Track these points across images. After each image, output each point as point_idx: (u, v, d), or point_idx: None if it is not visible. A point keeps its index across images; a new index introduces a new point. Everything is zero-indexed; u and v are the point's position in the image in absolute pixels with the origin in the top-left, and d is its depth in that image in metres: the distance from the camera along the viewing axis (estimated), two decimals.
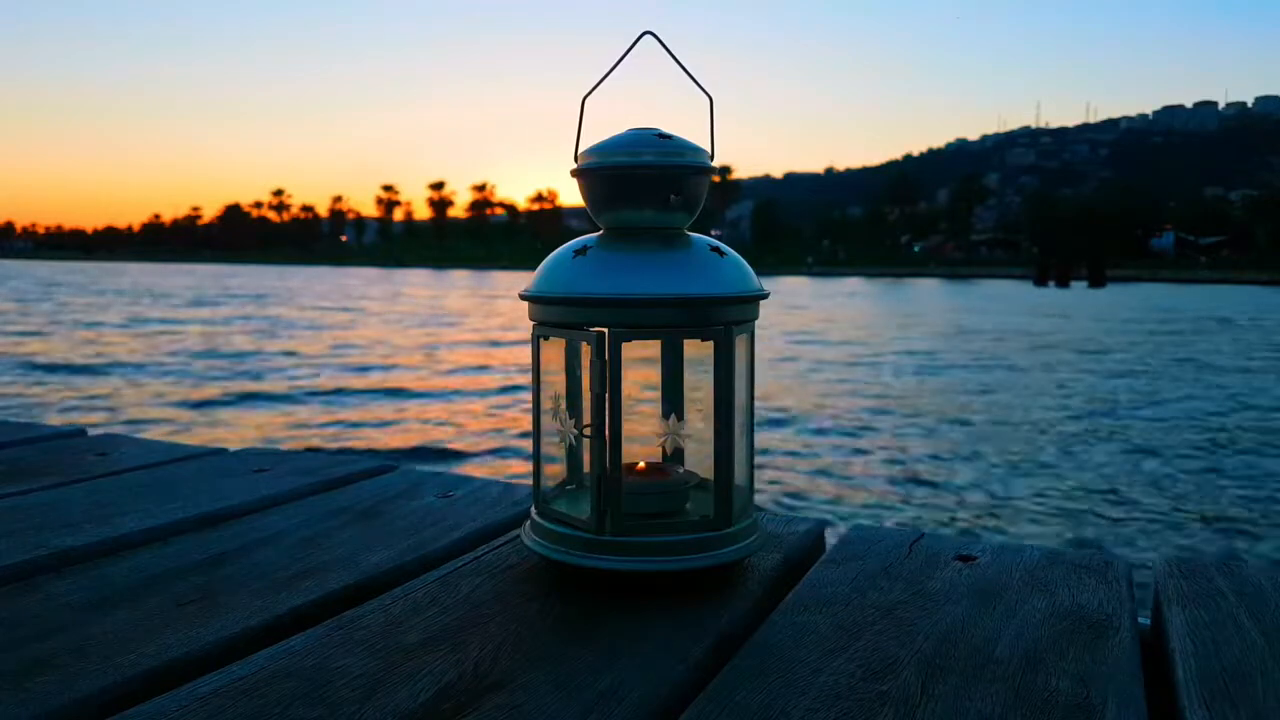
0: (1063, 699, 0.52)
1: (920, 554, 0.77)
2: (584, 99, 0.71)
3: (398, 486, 0.97)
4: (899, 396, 8.75)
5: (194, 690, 0.52)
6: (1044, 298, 31.16)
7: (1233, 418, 7.70)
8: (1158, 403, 8.52)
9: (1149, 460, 6.07)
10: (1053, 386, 9.50)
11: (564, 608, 0.65)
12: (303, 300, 25.66)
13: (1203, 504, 5.01)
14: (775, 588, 0.70)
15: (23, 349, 11.77)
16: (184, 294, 27.97)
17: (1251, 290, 43.53)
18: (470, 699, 0.51)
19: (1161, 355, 12.47)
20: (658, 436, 0.75)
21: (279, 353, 11.89)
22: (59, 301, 22.96)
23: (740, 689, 0.53)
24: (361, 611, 0.64)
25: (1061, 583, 0.70)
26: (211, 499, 0.91)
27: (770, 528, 0.82)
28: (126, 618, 0.62)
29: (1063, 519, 4.68)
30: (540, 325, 0.71)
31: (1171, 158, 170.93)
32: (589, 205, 0.72)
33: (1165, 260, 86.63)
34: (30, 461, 1.07)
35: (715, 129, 0.74)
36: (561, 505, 0.72)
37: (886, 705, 0.51)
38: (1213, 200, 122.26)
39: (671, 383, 0.77)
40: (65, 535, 0.79)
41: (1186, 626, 0.62)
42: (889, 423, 7.34)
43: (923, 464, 5.88)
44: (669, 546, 0.67)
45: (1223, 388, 9.57)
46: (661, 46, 0.71)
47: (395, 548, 0.77)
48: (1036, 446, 6.49)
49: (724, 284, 0.67)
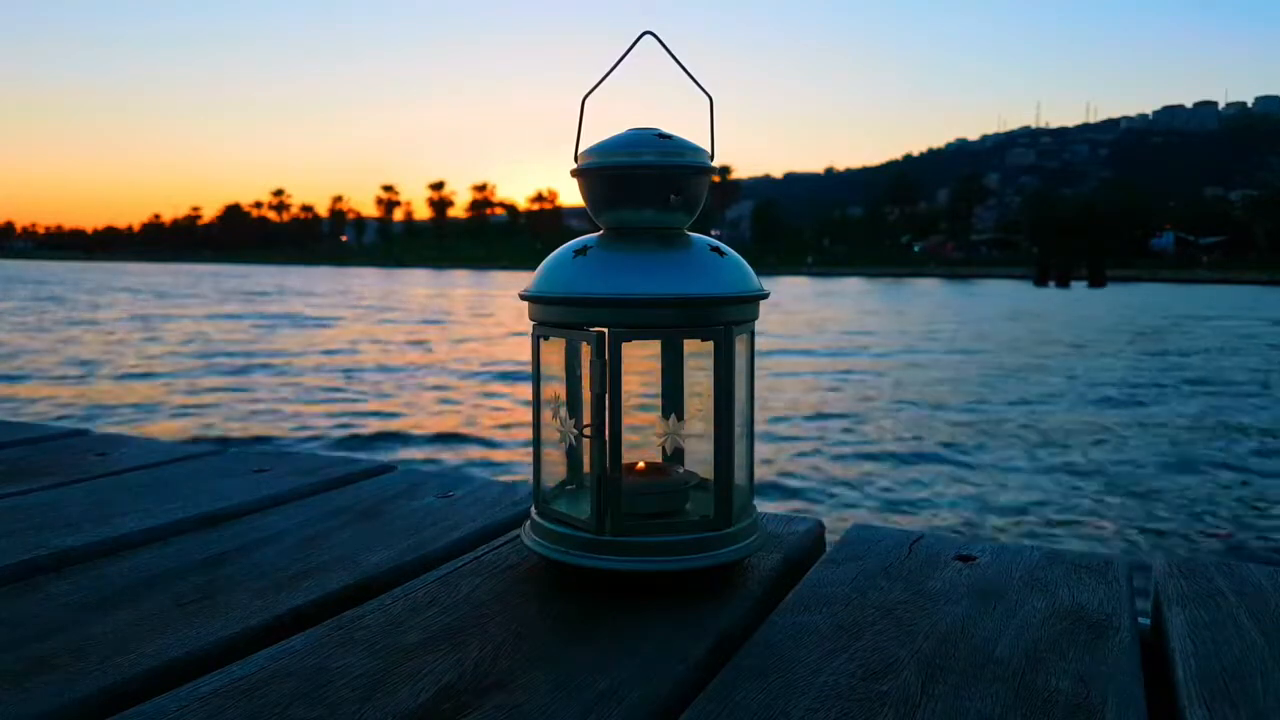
0: (1063, 699, 0.52)
1: (920, 554, 0.77)
2: (584, 99, 0.71)
3: (398, 486, 0.97)
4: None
5: (194, 690, 0.52)
6: (1039, 298, 31.19)
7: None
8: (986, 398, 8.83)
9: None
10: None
11: (564, 608, 0.65)
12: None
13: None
14: (775, 588, 0.70)
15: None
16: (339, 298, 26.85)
17: (1252, 290, 43.57)
18: (470, 699, 0.51)
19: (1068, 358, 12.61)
20: (658, 436, 0.75)
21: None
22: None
23: (740, 689, 0.53)
24: (361, 611, 0.64)
25: (1061, 583, 0.70)
26: (211, 499, 0.91)
27: (770, 528, 0.82)
28: (126, 618, 0.62)
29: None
30: (540, 325, 0.71)
31: (1171, 158, 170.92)
32: (589, 205, 0.72)
33: (1165, 260, 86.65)
34: (30, 461, 1.07)
35: (715, 129, 0.74)
36: (561, 505, 0.72)
37: (886, 705, 0.51)
38: (1213, 200, 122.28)
39: (671, 383, 0.77)
40: (65, 535, 0.79)
41: (1186, 626, 0.62)
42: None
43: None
44: (669, 546, 0.67)
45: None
46: (661, 46, 0.71)
47: (395, 548, 0.77)
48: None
49: (724, 284, 0.67)
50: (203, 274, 52.42)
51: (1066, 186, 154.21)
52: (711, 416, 0.69)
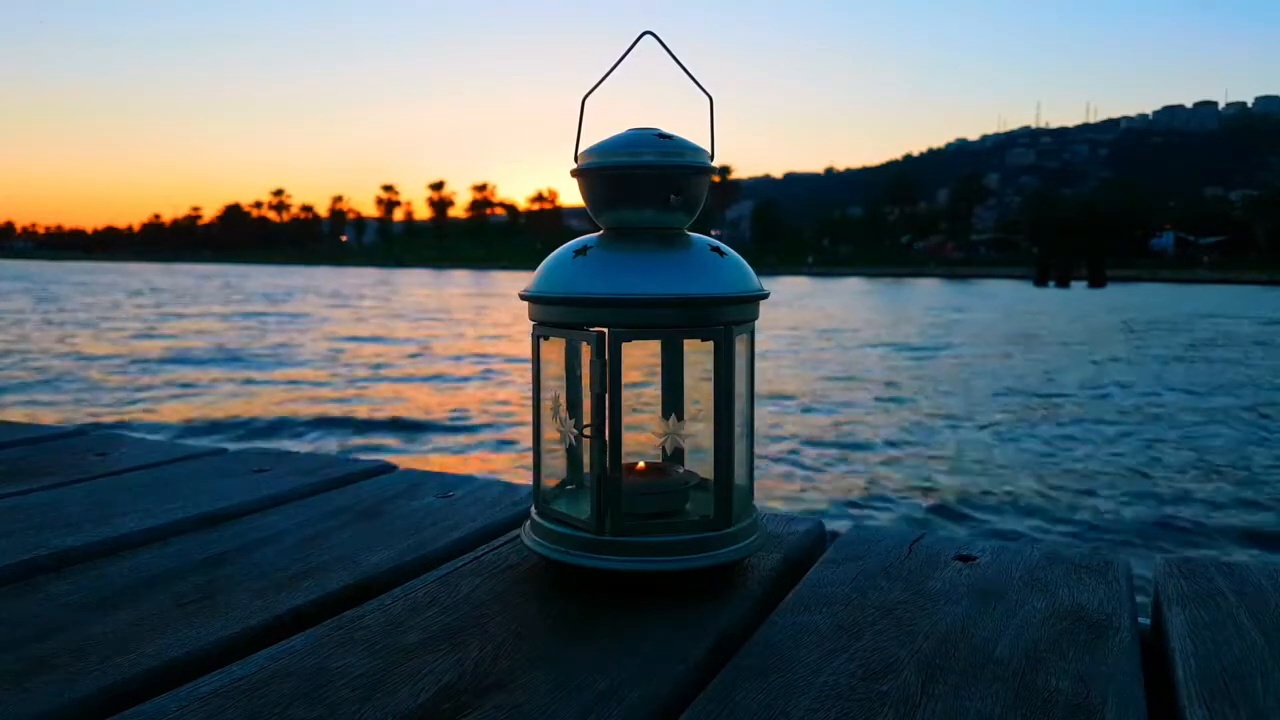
0: (1063, 699, 0.52)
1: (920, 554, 0.77)
2: (584, 99, 0.71)
3: (398, 486, 0.97)
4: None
5: (194, 690, 0.52)
6: (1036, 299, 31.14)
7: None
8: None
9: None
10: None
11: (564, 608, 0.65)
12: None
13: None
14: (775, 588, 0.70)
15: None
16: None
17: (1253, 290, 43.54)
18: (470, 699, 0.51)
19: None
20: (658, 436, 0.75)
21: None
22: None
23: (740, 689, 0.53)
24: (361, 611, 0.64)
25: (1061, 583, 0.70)
26: (211, 499, 0.91)
27: (770, 528, 0.82)
28: (126, 618, 0.62)
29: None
30: (540, 325, 0.71)
31: (1171, 158, 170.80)
32: (589, 205, 0.72)
33: (1165, 260, 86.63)
34: (30, 461, 1.07)
35: (715, 129, 0.74)
36: (561, 505, 0.72)
37: (886, 705, 0.51)
38: (1213, 200, 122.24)
39: (671, 383, 0.77)
40: (65, 535, 0.79)
41: (1186, 626, 0.62)
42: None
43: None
44: (669, 546, 0.67)
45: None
46: (661, 46, 0.71)
47: (395, 548, 0.77)
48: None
49: (724, 284, 0.67)
50: (232, 274, 50.00)
51: (1066, 186, 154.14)
52: (712, 416, 0.69)
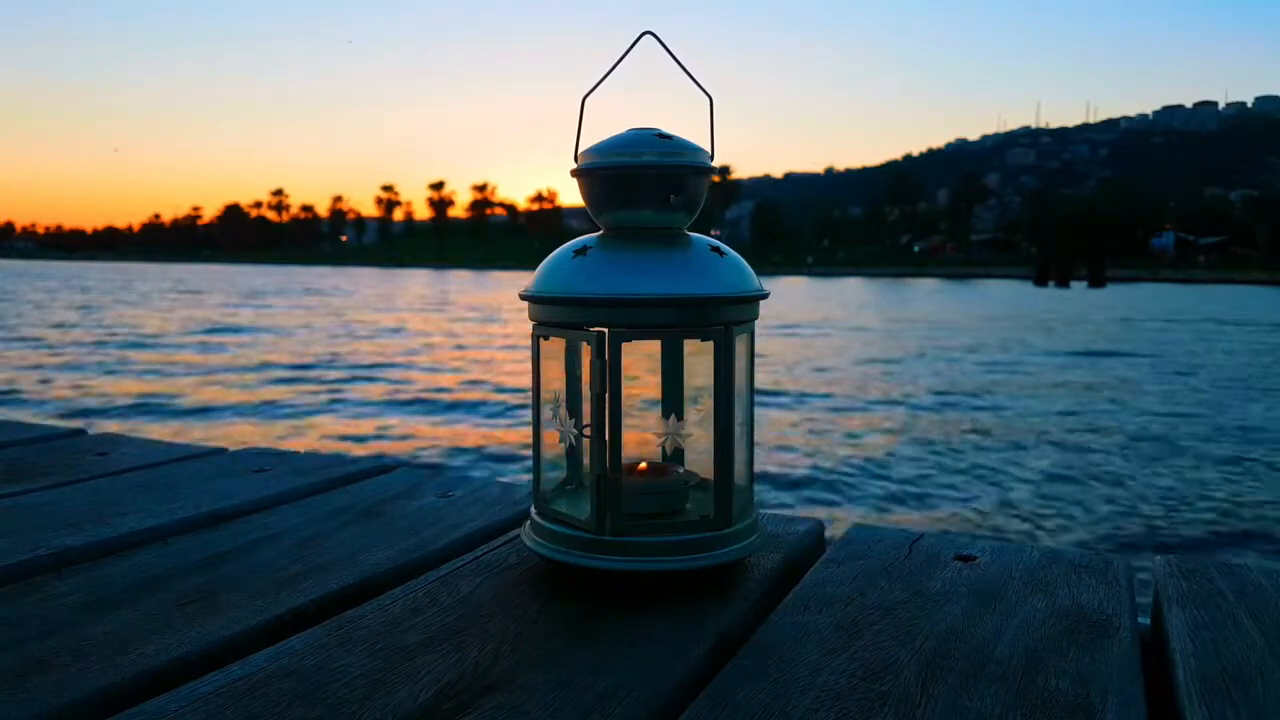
0: (1063, 699, 0.52)
1: (920, 554, 0.77)
2: (584, 99, 0.71)
3: (398, 486, 0.97)
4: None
5: (194, 690, 0.52)
6: (1034, 299, 31.09)
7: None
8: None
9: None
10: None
11: (564, 608, 0.65)
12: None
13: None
14: (775, 588, 0.70)
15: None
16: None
17: (1253, 290, 43.50)
18: (470, 699, 0.51)
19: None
20: (658, 436, 0.75)
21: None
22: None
23: (740, 689, 0.53)
24: (361, 611, 0.64)
25: (1061, 583, 0.70)
26: (211, 499, 0.91)
27: (770, 527, 0.82)
28: (126, 618, 0.62)
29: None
30: (540, 325, 0.71)
31: (1171, 158, 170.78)
32: (589, 205, 0.72)
33: (1165, 260, 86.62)
34: (30, 461, 1.07)
35: (715, 129, 0.74)
36: (561, 505, 0.72)
37: (886, 705, 0.51)
38: (1213, 200, 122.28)
39: (671, 383, 0.77)
40: (65, 535, 0.79)
41: (1187, 627, 0.62)
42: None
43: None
44: (669, 546, 0.67)
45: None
46: (661, 46, 0.71)
47: (395, 548, 0.77)
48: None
49: (724, 284, 0.67)
50: (274, 277, 48.47)
51: (1066, 186, 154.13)
52: (711, 416, 0.69)
